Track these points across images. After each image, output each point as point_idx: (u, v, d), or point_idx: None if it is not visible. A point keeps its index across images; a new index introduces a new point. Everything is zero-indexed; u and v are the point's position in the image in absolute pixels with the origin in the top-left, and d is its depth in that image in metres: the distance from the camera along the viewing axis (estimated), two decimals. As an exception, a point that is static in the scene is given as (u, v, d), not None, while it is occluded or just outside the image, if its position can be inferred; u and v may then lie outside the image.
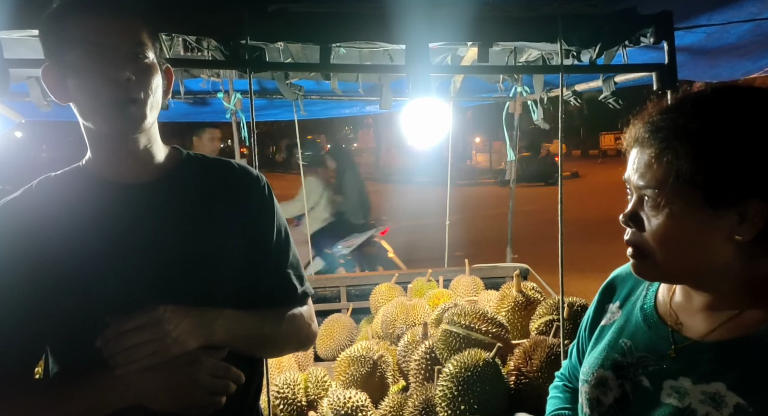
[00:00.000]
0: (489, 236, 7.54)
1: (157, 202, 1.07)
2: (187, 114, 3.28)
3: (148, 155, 1.07)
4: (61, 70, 0.99)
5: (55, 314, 1.01)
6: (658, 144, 0.78)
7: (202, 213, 1.10)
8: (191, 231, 1.07)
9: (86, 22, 0.96)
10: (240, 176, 1.18)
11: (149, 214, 1.05)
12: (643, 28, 1.61)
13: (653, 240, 0.81)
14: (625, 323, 0.96)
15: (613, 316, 1.00)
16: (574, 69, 1.80)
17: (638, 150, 0.82)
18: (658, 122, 0.79)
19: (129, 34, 0.98)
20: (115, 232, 1.03)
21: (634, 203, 0.84)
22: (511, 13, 1.66)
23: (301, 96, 2.99)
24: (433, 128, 2.28)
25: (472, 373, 1.69)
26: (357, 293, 3.44)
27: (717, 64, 2.25)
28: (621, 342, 0.94)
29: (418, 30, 1.68)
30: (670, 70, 1.59)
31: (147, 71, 1.00)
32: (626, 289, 1.02)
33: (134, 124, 1.00)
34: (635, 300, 0.98)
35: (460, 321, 1.96)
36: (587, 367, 0.98)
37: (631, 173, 0.83)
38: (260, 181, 1.19)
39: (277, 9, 1.63)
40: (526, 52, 2.37)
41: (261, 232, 1.15)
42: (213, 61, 1.76)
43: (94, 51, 0.96)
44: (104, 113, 0.98)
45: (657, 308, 0.94)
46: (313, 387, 2.08)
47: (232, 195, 1.14)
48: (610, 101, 1.85)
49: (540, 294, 2.37)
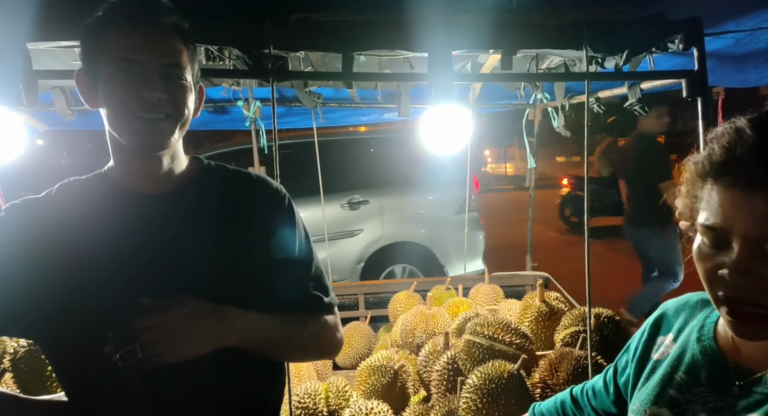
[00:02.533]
0: (507, 243, 7.47)
1: (174, 213, 1.06)
2: (207, 122, 3.31)
3: (168, 168, 1.08)
4: (95, 78, 1.00)
5: (51, 315, 1.00)
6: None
7: (218, 225, 1.08)
8: (207, 243, 1.06)
9: (125, 36, 0.97)
10: (258, 189, 1.16)
11: (165, 225, 1.05)
12: (672, 34, 1.58)
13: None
14: (681, 356, 0.90)
15: (667, 349, 0.93)
16: (600, 76, 1.77)
17: (745, 191, 0.67)
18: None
19: (166, 53, 0.99)
20: (128, 242, 1.02)
21: (747, 254, 0.68)
22: (536, 20, 1.64)
23: (320, 104, 3.00)
24: (453, 135, 2.26)
25: (497, 385, 1.66)
26: (375, 301, 3.42)
27: (744, 69, 2.21)
28: (677, 377, 0.88)
29: (441, 38, 1.67)
30: (700, 77, 1.55)
31: (180, 91, 1.00)
32: (680, 321, 0.95)
33: (160, 142, 1.01)
34: (691, 332, 0.91)
35: (483, 332, 1.93)
36: (638, 404, 0.92)
37: (737, 220, 0.68)
38: (279, 193, 1.18)
39: (299, 18, 1.63)
40: (547, 58, 2.34)
41: (280, 245, 1.14)
42: (236, 71, 1.76)
43: (129, 68, 0.96)
44: (132, 128, 0.99)
45: (717, 340, 0.86)
46: (334, 398, 2.06)
47: (249, 208, 1.13)
48: (636, 109, 1.82)
49: (564, 304, 2.33)
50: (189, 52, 1.03)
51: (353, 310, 3.42)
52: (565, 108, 2.73)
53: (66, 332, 1.01)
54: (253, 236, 1.11)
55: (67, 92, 2.45)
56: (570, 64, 2.24)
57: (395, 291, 3.20)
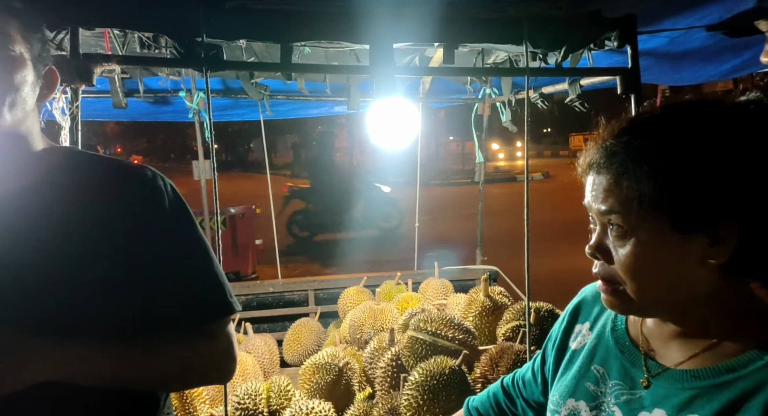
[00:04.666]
0: (460, 237, 7.57)
1: (14, 213, 0.94)
2: (148, 113, 3.18)
3: (11, 162, 0.95)
4: None
5: None
6: (616, 169, 0.74)
7: (65, 226, 0.95)
8: (48, 248, 0.93)
9: None
10: (124, 178, 1.01)
11: (11, 230, 0.92)
12: (608, 31, 1.60)
13: (623, 272, 0.76)
14: (596, 346, 0.91)
15: (584, 339, 0.94)
16: (539, 72, 1.78)
17: (594, 176, 0.78)
18: (612, 146, 0.75)
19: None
20: None
21: (599, 233, 0.79)
22: (477, 15, 1.63)
23: (266, 96, 2.92)
24: (400, 129, 2.24)
25: (438, 381, 1.66)
26: (325, 297, 3.39)
27: (680, 68, 2.27)
28: (593, 369, 0.88)
29: (383, 30, 1.64)
30: (633, 74, 1.58)
31: (6, 63, 0.89)
32: (596, 309, 0.94)
33: None
34: (606, 321, 0.92)
35: (427, 328, 1.92)
36: (557, 396, 0.92)
37: (591, 198, 0.78)
38: (151, 182, 1.02)
39: (235, 5, 1.57)
40: (493, 54, 2.35)
41: (150, 243, 0.99)
42: (167, 60, 1.68)
43: None
44: None
45: (628, 330, 0.88)
46: (276, 397, 2.02)
47: (108, 202, 0.98)
48: (576, 104, 1.84)
49: (508, 299, 2.35)
50: (21, 26, 0.93)
51: (303, 306, 3.38)
52: (511, 103, 2.75)
53: None
54: (111, 233, 0.96)
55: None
56: (515, 59, 2.25)
57: (345, 287, 3.17)
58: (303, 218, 9.55)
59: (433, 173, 19.59)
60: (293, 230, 9.45)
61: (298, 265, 7.87)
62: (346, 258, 7.40)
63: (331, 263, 7.77)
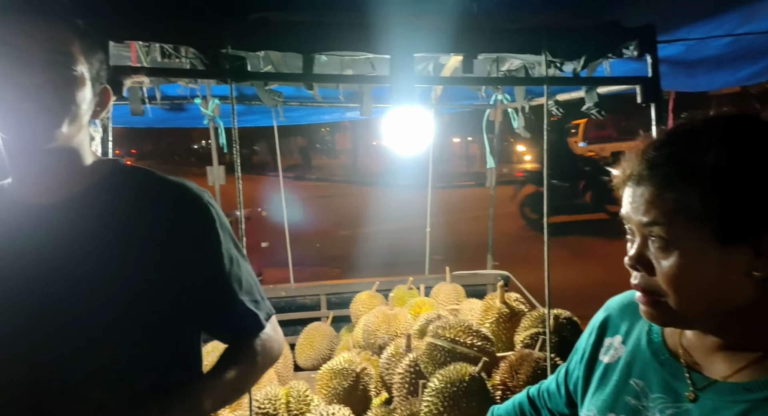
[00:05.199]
0: (469, 240, 7.56)
1: (67, 225, 0.96)
2: (164, 120, 3.21)
3: (63, 173, 0.99)
4: None
5: None
6: (659, 181, 0.74)
7: (116, 239, 0.98)
8: (100, 261, 0.96)
9: (5, 23, 0.90)
10: (173, 195, 1.04)
11: (56, 239, 0.96)
12: (627, 41, 1.62)
13: (666, 284, 0.75)
14: (632, 360, 0.90)
15: (617, 353, 0.94)
16: (559, 81, 1.79)
17: (634, 187, 0.78)
18: (655, 158, 0.76)
19: (51, 41, 0.91)
20: (13, 260, 0.95)
21: (639, 244, 0.78)
22: (496, 25, 1.65)
23: (280, 102, 2.95)
24: (416, 135, 2.26)
25: (458, 388, 1.67)
26: (337, 301, 3.40)
27: (695, 75, 2.29)
28: (632, 383, 0.88)
29: (403, 40, 1.66)
30: (654, 83, 1.60)
31: (67, 82, 0.93)
32: (627, 321, 0.96)
33: (42, 136, 0.92)
34: (640, 334, 0.92)
35: (445, 334, 1.94)
36: (594, 410, 0.92)
37: (631, 210, 0.78)
38: (198, 200, 1.05)
39: (257, 18, 1.59)
40: (508, 61, 2.37)
41: (197, 259, 1.03)
42: (193, 71, 1.71)
43: (5, 53, 0.89)
44: (8, 118, 0.91)
45: (666, 343, 0.87)
46: (295, 402, 2.03)
47: (158, 218, 1.01)
48: (592, 112, 1.86)
49: (524, 305, 2.37)
50: (85, 46, 0.96)
51: (315, 310, 3.40)
52: (525, 109, 2.76)
53: None
54: (159, 250, 0.99)
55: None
56: (529, 66, 2.27)
57: (357, 291, 3.18)
58: (534, 201, 9.69)
59: (437, 175, 19.46)
60: (525, 212, 9.70)
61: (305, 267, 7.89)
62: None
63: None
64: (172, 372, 1.03)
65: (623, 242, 0.83)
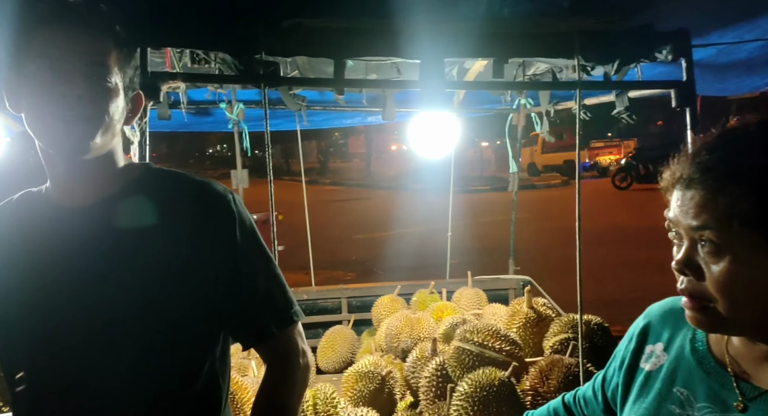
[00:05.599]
0: (487, 245, 7.53)
1: (98, 227, 1.00)
2: (189, 124, 3.24)
3: (97, 177, 1.02)
4: (17, 81, 0.96)
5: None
6: (711, 184, 0.73)
7: (144, 239, 1.01)
8: (130, 261, 0.99)
9: (49, 35, 0.93)
10: (198, 194, 1.06)
11: (86, 241, 0.99)
12: (660, 45, 1.61)
13: (716, 289, 0.74)
14: (676, 368, 0.89)
15: (659, 360, 0.92)
16: (591, 86, 1.79)
17: (683, 190, 0.77)
18: (708, 161, 0.75)
19: (91, 53, 0.94)
20: (49, 260, 0.98)
21: (687, 248, 0.77)
22: (528, 30, 1.65)
23: (304, 107, 2.96)
24: (442, 139, 2.27)
25: (488, 393, 1.67)
26: (358, 305, 3.40)
27: (725, 78, 2.27)
28: (675, 391, 0.87)
29: (433, 46, 1.67)
30: (689, 87, 1.58)
31: (103, 93, 0.96)
32: (669, 328, 0.94)
33: (79, 145, 0.96)
34: (683, 342, 0.90)
35: (473, 338, 1.94)
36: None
37: (679, 213, 0.77)
38: (223, 198, 1.07)
39: (291, 24, 1.61)
40: (534, 65, 2.36)
41: (219, 259, 1.04)
42: (228, 76, 1.73)
43: (48, 65, 0.92)
44: (48, 127, 0.94)
45: (711, 351, 0.86)
46: (322, 405, 2.04)
47: (181, 218, 1.03)
48: (623, 116, 1.85)
49: (551, 311, 2.35)
50: (120, 56, 0.99)
51: (336, 314, 3.41)
52: (550, 114, 2.76)
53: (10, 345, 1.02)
54: (186, 251, 1.01)
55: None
56: (556, 70, 2.27)
57: (379, 295, 3.19)
58: None
59: (449, 178, 19.42)
60: None
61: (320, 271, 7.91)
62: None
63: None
64: (200, 373, 1.05)
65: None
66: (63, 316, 0.97)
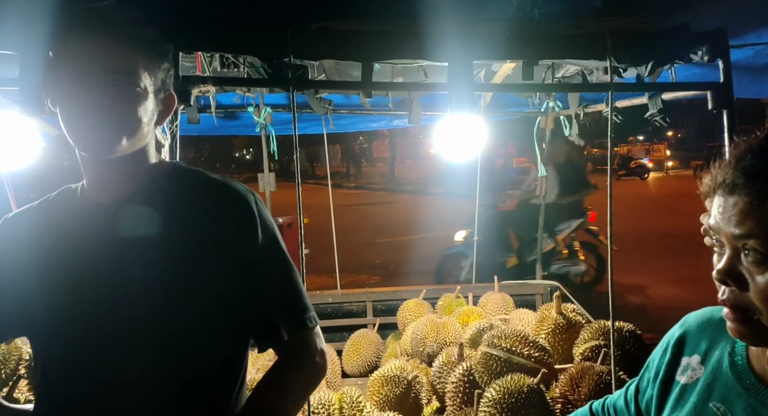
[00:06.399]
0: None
1: (121, 222, 1.03)
2: (217, 128, 3.29)
3: (125, 176, 1.06)
4: (52, 84, 1.00)
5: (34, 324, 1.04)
6: (758, 190, 0.70)
7: (165, 235, 1.03)
8: (150, 255, 1.02)
9: (78, 42, 0.97)
10: (220, 195, 1.08)
11: (115, 233, 1.03)
12: (696, 45, 1.56)
13: (761, 301, 0.71)
14: (713, 382, 0.86)
15: (695, 373, 0.89)
16: (623, 87, 1.75)
17: (726, 197, 0.73)
18: (754, 165, 0.71)
19: (117, 60, 0.97)
20: (79, 253, 1.03)
21: (730, 257, 0.74)
22: (559, 31, 1.63)
23: (330, 110, 2.98)
24: (469, 143, 2.25)
25: (517, 400, 1.64)
26: (384, 309, 3.40)
27: (762, 80, 2.20)
28: (712, 406, 0.84)
29: (462, 48, 1.65)
30: (726, 88, 1.54)
31: (128, 99, 0.99)
32: (706, 340, 0.91)
33: (106, 148, 1.00)
34: (721, 355, 0.87)
35: (501, 344, 1.91)
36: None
37: (721, 221, 0.74)
38: (245, 200, 1.08)
39: (319, 27, 1.62)
40: (563, 67, 2.33)
41: (237, 259, 1.06)
42: (257, 80, 1.75)
43: (76, 72, 0.96)
44: (77, 134, 0.99)
45: (752, 366, 0.83)
46: (348, 408, 2.03)
47: (203, 216, 1.05)
48: (656, 119, 1.80)
49: (581, 317, 2.31)
50: (150, 60, 1.01)
51: (362, 317, 3.40)
52: (579, 117, 2.71)
53: (44, 335, 1.05)
54: (206, 249, 1.04)
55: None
56: (586, 72, 2.23)
57: (404, 299, 3.17)
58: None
59: (473, 183, 19.30)
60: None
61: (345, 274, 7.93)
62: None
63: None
64: (217, 372, 1.06)
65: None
66: (90, 306, 1.00)
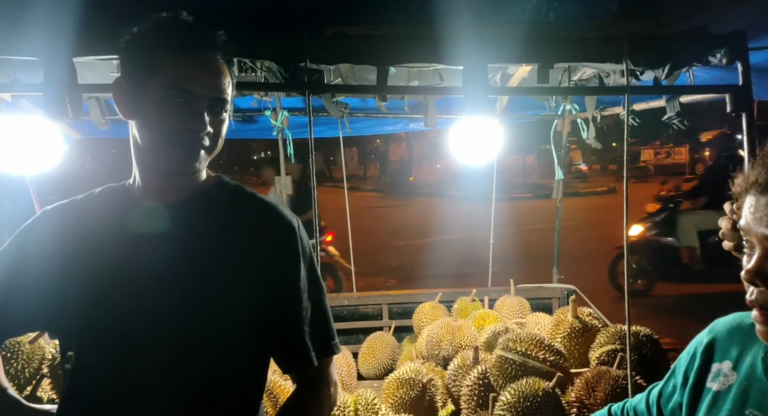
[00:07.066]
0: (529, 253, 7.41)
1: (175, 223, 1.04)
2: (235, 132, 3.33)
3: (183, 183, 1.07)
4: (137, 93, 0.98)
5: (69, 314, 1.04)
6: None
7: (210, 244, 1.05)
8: (196, 261, 1.03)
9: (179, 63, 0.96)
10: (264, 215, 1.10)
11: (164, 236, 1.03)
12: (715, 48, 1.55)
13: None
14: (747, 389, 0.84)
15: (728, 380, 0.88)
16: (640, 90, 1.74)
17: (758, 196, 0.73)
18: None
19: (216, 87, 0.98)
20: (130, 251, 1.03)
21: (760, 258, 0.73)
22: (575, 33, 1.63)
23: (346, 114, 3.00)
24: (485, 146, 2.25)
25: (531, 403, 1.64)
26: (399, 311, 3.40)
27: (783, 82, 2.16)
28: (748, 414, 0.83)
29: (477, 51, 1.66)
30: (745, 92, 1.52)
31: (221, 125, 1.02)
32: (737, 346, 0.90)
33: (192, 169, 1.02)
34: (754, 361, 0.86)
35: (516, 348, 1.90)
36: None
37: (752, 221, 0.73)
38: (288, 225, 1.09)
39: (335, 32, 1.64)
40: (579, 70, 2.32)
41: (275, 282, 1.07)
42: (272, 84, 1.77)
43: (180, 96, 0.96)
44: (169, 155, 0.99)
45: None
46: (363, 410, 2.04)
47: (249, 234, 1.07)
48: (674, 122, 1.79)
49: (597, 321, 2.29)
50: (232, 78, 1.03)
51: (377, 320, 3.41)
52: (596, 120, 2.69)
53: (78, 331, 1.04)
54: (247, 262, 1.05)
55: (102, 103, 2.49)
56: (603, 75, 2.22)
57: (420, 302, 3.18)
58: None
59: (491, 186, 19.20)
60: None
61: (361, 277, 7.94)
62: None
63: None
64: (238, 384, 1.07)
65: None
66: (131, 302, 1.01)
